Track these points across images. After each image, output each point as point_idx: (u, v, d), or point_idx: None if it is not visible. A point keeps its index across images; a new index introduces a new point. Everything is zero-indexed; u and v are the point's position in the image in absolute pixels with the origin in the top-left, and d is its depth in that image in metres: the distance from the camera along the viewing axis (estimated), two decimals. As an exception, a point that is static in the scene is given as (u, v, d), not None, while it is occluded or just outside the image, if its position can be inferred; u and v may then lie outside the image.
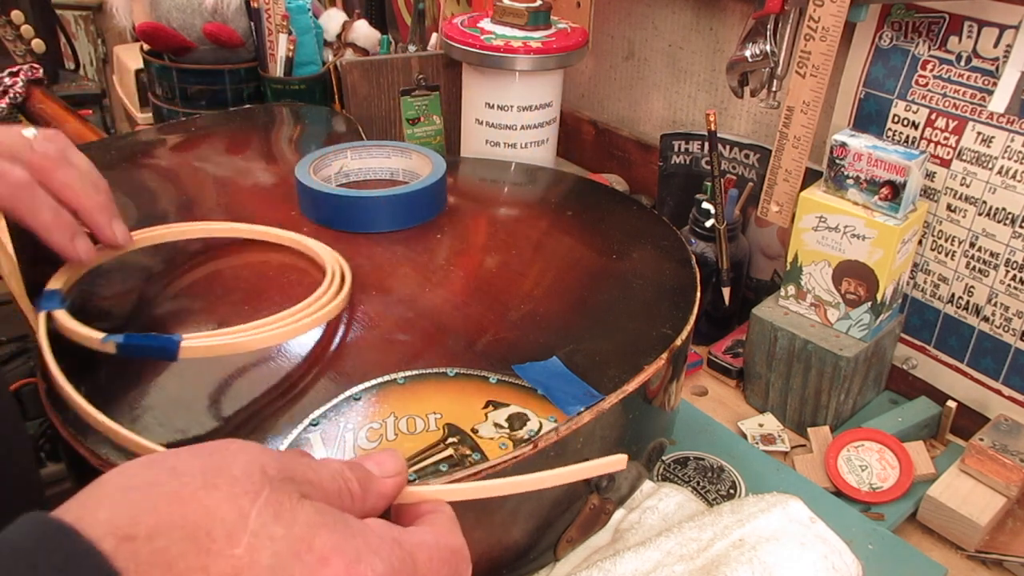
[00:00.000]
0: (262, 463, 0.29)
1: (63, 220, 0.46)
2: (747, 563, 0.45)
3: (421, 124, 0.99)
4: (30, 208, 0.45)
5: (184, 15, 0.98)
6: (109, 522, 0.26)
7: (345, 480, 0.32)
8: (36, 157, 0.46)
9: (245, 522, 0.27)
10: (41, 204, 0.45)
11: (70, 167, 0.47)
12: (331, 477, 0.32)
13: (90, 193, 0.48)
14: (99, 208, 0.49)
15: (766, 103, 0.70)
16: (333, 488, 0.32)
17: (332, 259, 0.56)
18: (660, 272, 0.60)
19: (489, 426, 0.44)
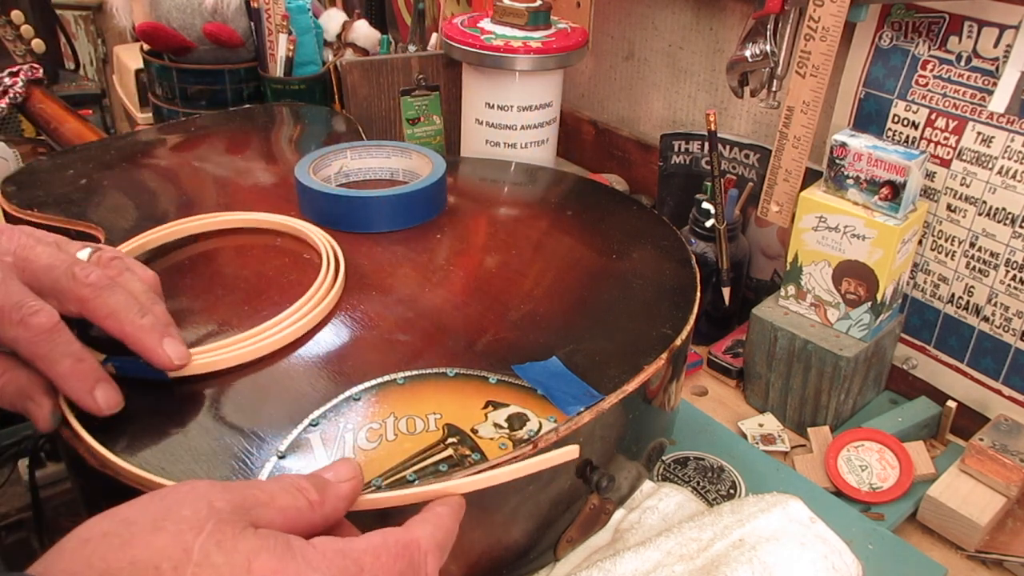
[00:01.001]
0: (209, 499, 0.32)
1: (83, 370, 0.42)
2: (747, 563, 0.45)
3: (421, 124, 0.99)
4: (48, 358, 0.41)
5: (184, 15, 0.98)
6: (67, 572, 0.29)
7: (300, 489, 0.35)
8: (76, 284, 0.42)
9: (189, 555, 0.29)
10: (61, 354, 0.41)
11: (114, 292, 0.44)
12: (284, 491, 0.34)
13: (133, 318, 0.43)
14: (145, 331, 0.44)
15: (766, 103, 0.70)
16: (288, 501, 0.34)
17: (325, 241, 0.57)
18: (660, 272, 0.60)
19: (489, 426, 0.44)
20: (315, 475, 0.36)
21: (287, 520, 0.33)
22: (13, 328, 0.40)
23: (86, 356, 0.42)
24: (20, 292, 0.41)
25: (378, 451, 0.42)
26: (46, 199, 0.67)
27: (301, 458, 0.42)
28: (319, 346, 0.50)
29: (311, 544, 0.32)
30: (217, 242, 0.61)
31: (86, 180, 0.70)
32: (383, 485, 0.40)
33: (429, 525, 0.37)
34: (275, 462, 0.41)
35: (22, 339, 0.40)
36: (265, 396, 0.46)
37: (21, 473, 0.69)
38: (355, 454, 0.42)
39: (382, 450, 0.42)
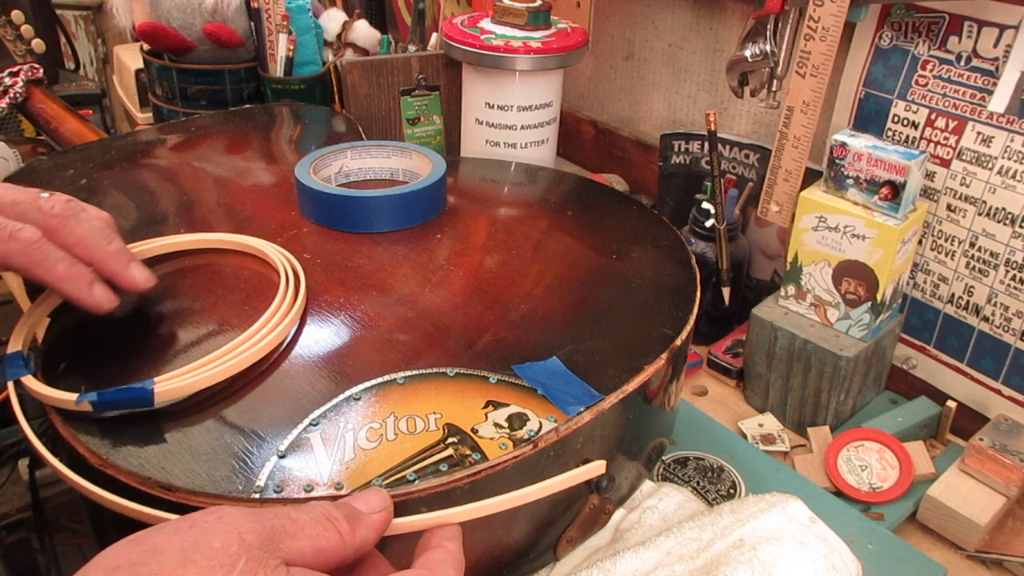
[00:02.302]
0: (239, 531, 0.31)
1: (78, 271, 0.46)
2: (747, 563, 0.45)
3: (421, 124, 0.99)
4: (43, 264, 0.45)
5: (184, 15, 0.98)
6: None
7: (332, 520, 0.34)
8: (43, 215, 0.46)
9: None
10: (55, 259, 0.45)
11: (79, 220, 0.47)
12: (315, 522, 0.34)
13: (101, 244, 0.47)
14: (114, 256, 0.48)
15: (766, 103, 0.70)
16: (319, 532, 0.33)
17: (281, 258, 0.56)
18: (660, 272, 0.60)
19: (489, 426, 0.44)
20: (345, 504, 0.36)
21: (317, 553, 0.33)
22: (4, 244, 0.43)
23: (77, 262, 0.46)
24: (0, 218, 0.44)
25: (378, 451, 0.42)
26: (46, 199, 0.66)
27: (301, 458, 0.42)
28: (319, 346, 0.50)
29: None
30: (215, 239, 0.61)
31: (86, 180, 0.70)
32: (383, 485, 0.40)
33: (451, 568, 0.36)
34: (275, 461, 0.41)
35: (16, 252, 0.44)
36: (265, 396, 0.46)
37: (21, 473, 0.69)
38: (355, 454, 0.42)
39: (382, 450, 0.42)
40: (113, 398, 0.43)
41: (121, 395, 0.43)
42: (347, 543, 0.34)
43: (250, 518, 0.32)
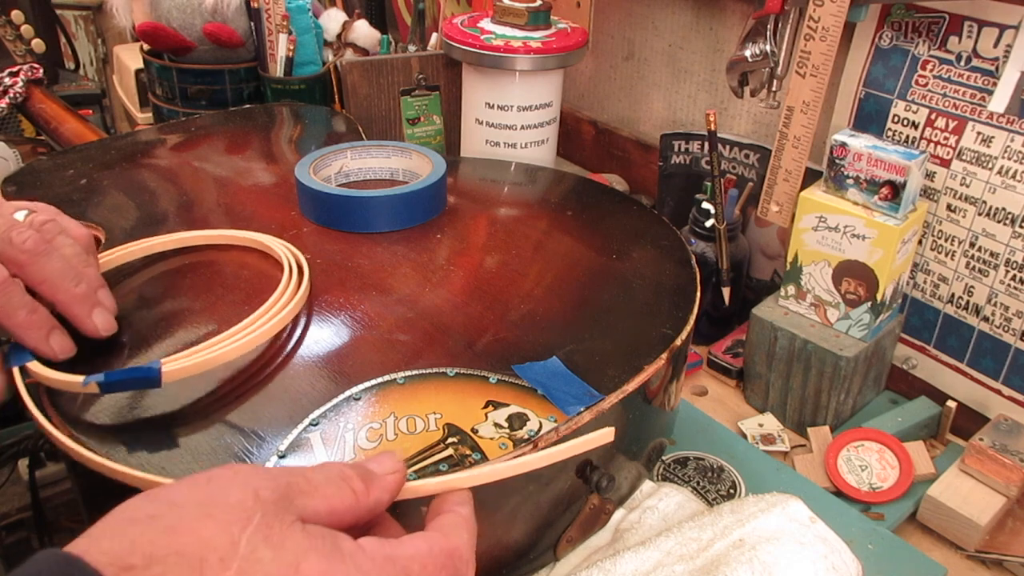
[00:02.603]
0: (255, 488, 0.31)
1: (37, 319, 0.44)
2: (747, 563, 0.45)
3: (421, 124, 0.99)
4: (2, 310, 0.43)
5: (184, 15, 0.98)
6: (111, 552, 0.27)
7: (347, 479, 0.34)
8: (13, 250, 0.44)
9: (235, 548, 0.29)
10: (15, 305, 0.43)
11: (49, 258, 0.45)
12: (329, 480, 0.33)
13: (68, 286, 0.45)
14: (78, 300, 0.46)
15: (766, 103, 0.70)
16: (333, 492, 0.33)
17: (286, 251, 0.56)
18: (660, 272, 0.60)
19: (489, 426, 0.44)
20: (359, 465, 0.36)
21: (332, 511, 0.33)
22: None
23: (39, 307, 0.44)
24: None
25: (378, 451, 0.42)
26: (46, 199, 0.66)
27: (301, 458, 0.42)
28: (319, 346, 0.50)
29: (360, 546, 0.32)
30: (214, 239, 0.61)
31: (86, 180, 0.70)
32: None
33: (465, 532, 0.36)
34: (275, 462, 0.41)
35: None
36: (265, 396, 0.46)
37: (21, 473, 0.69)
38: (355, 454, 0.42)
39: (382, 450, 0.42)
40: (120, 378, 0.43)
41: (128, 375, 0.43)
42: (361, 503, 0.34)
43: (265, 475, 0.32)
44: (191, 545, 0.28)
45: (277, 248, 0.57)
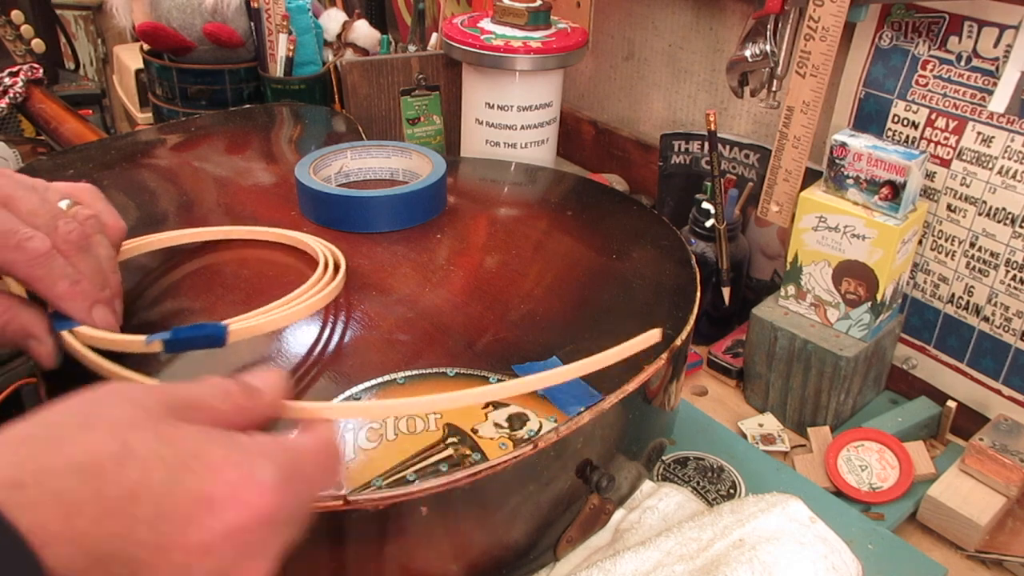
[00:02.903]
0: (135, 398, 0.30)
1: (79, 290, 0.44)
2: (747, 563, 0.45)
3: (421, 124, 0.99)
4: (46, 279, 0.43)
5: (184, 15, 0.98)
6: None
7: (229, 393, 0.34)
8: (57, 237, 0.44)
9: (129, 450, 0.28)
10: (56, 275, 0.43)
11: (86, 255, 0.45)
12: (214, 393, 0.33)
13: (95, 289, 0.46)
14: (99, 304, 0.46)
15: (766, 103, 0.70)
16: (217, 404, 0.33)
17: (323, 248, 0.57)
18: (660, 272, 0.60)
19: (489, 426, 0.44)
20: (241, 379, 0.35)
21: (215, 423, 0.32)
22: (10, 252, 0.42)
23: (82, 279, 0.44)
24: (11, 220, 0.42)
25: (378, 451, 0.42)
26: (46, 199, 0.66)
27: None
28: (319, 346, 0.50)
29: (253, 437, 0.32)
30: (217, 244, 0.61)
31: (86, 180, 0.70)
32: (383, 485, 0.40)
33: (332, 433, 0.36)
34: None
35: (19, 262, 0.42)
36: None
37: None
38: (355, 454, 0.42)
39: (382, 450, 0.42)
40: (187, 335, 0.43)
41: (195, 332, 0.43)
42: (243, 416, 0.34)
43: (145, 389, 0.32)
44: (81, 455, 0.27)
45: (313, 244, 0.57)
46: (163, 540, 0.28)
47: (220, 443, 0.30)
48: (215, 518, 0.28)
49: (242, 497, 0.29)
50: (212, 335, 0.43)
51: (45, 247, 0.43)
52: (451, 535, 0.43)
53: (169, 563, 0.28)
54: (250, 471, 0.30)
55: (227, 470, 0.29)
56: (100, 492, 0.27)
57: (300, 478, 0.32)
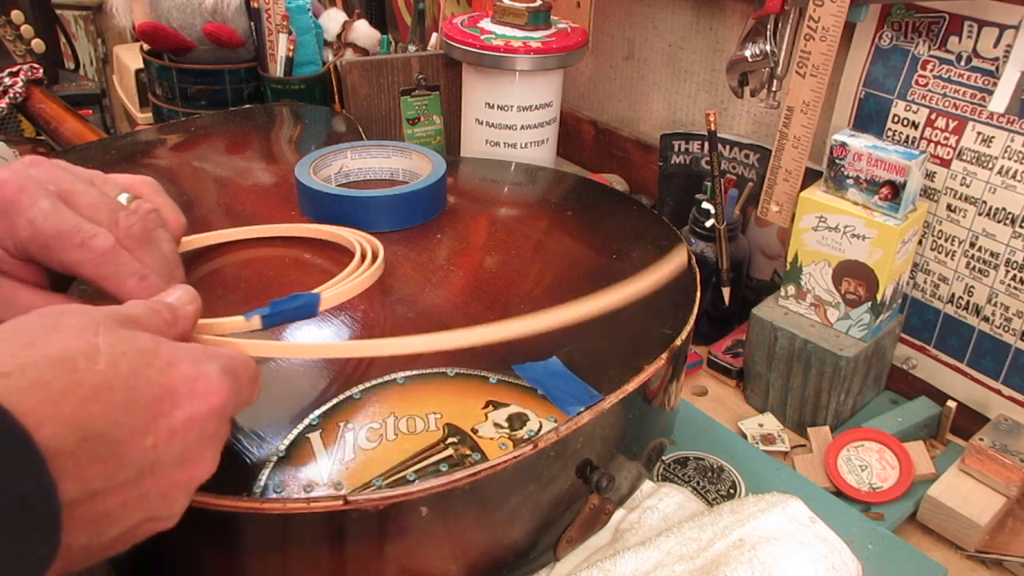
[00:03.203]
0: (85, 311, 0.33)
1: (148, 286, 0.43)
2: (747, 563, 0.45)
3: (421, 124, 0.99)
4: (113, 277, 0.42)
5: (184, 15, 0.98)
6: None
7: (157, 311, 0.37)
8: (119, 232, 0.43)
9: (95, 348, 0.31)
10: (124, 273, 0.42)
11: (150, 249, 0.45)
12: (145, 313, 0.37)
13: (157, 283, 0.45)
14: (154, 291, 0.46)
15: (766, 103, 0.70)
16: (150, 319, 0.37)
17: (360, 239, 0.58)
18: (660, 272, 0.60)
19: (489, 426, 0.44)
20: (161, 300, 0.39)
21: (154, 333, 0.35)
22: (75, 251, 0.41)
23: (148, 274, 0.44)
24: (74, 217, 0.42)
25: (378, 451, 0.42)
26: (46, 199, 0.66)
27: (301, 458, 0.42)
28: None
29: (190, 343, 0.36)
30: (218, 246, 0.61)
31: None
32: (383, 485, 0.40)
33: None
34: (275, 461, 0.41)
35: (86, 261, 0.41)
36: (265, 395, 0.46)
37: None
38: (355, 454, 0.42)
39: (382, 450, 0.42)
40: (284, 307, 0.44)
41: (291, 303, 0.44)
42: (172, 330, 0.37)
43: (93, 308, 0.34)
44: (55, 351, 0.30)
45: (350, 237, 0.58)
46: (136, 423, 0.31)
47: (170, 344, 0.34)
48: (177, 407, 0.32)
49: (198, 389, 0.33)
50: (307, 304, 0.45)
51: (109, 244, 0.42)
52: (451, 535, 0.43)
53: (142, 445, 0.31)
54: (201, 368, 0.34)
55: (182, 366, 0.33)
56: (78, 381, 0.30)
57: (237, 379, 0.36)
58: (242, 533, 0.41)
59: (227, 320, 0.44)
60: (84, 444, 0.29)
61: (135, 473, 0.31)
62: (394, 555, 0.42)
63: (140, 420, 0.31)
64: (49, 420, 0.28)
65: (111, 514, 0.31)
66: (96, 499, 0.30)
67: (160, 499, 0.33)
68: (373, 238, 0.58)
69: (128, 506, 0.31)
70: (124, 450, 0.31)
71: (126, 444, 0.31)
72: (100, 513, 0.30)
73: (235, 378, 0.35)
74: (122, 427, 0.30)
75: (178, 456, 0.33)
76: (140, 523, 0.33)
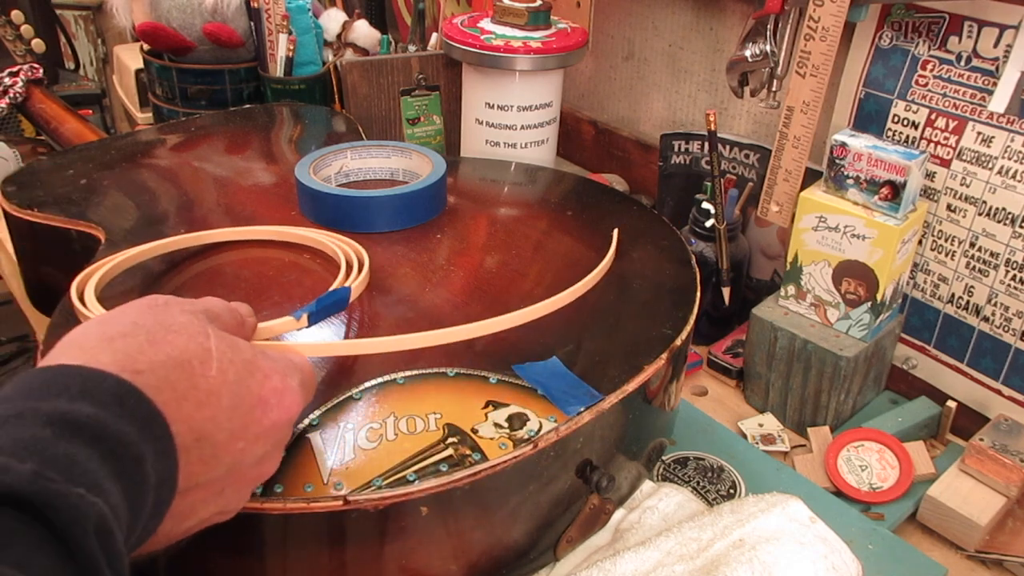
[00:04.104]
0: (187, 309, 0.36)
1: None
2: (747, 563, 0.45)
3: (421, 124, 0.99)
4: None
5: (184, 15, 0.98)
6: (114, 363, 0.31)
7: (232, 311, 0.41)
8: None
9: (209, 354, 0.34)
10: None
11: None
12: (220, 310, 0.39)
13: None
14: None
15: (766, 103, 0.70)
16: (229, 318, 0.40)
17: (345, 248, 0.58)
18: (660, 272, 0.60)
19: (489, 426, 0.44)
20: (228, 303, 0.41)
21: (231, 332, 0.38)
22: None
23: None
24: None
25: (378, 451, 0.42)
26: (46, 199, 0.67)
27: (301, 458, 0.42)
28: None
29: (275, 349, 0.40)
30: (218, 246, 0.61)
31: (86, 180, 0.70)
32: (383, 485, 0.40)
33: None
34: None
35: None
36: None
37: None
38: (355, 454, 0.42)
39: (382, 450, 0.42)
40: (325, 303, 0.47)
41: (330, 298, 0.48)
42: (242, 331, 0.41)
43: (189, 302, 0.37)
44: (175, 353, 0.33)
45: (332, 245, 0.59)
46: (235, 427, 0.34)
47: (266, 355, 0.37)
48: (266, 415, 0.36)
49: (285, 402, 0.37)
50: (342, 298, 0.49)
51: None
52: (451, 535, 0.43)
53: (235, 448, 0.34)
54: (288, 381, 0.37)
55: (274, 378, 0.36)
56: (195, 385, 0.33)
57: (309, 390, 0.40)
58: (242, 533, 0.41)
59: (281, 321, 0.45)
60: (196, 444, 0.32)
61: (224, 472, 0.34)
62: (394, 555, 0.42)
63: (237, 425, 0.34)
64: (175, 418, 0.31)
65: (195, 506, 0.34)
66: (189, 493, 0.32)
67: (233, 494, 0.36)
68: (357, 244, 0.58)
69: (208, 501, 0.34)
70: (221, 451, 0.33)
71: (223, 446, 0.33)
72: (188, 505, 0.33)
73: (307, 389, 0.40)
74: (224, 431, 0.33)
75: (258, 458, 0.36)
76: (212, 515, 0.35)
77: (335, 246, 0.58)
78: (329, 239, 0.59)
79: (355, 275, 0.54)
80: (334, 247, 0.58)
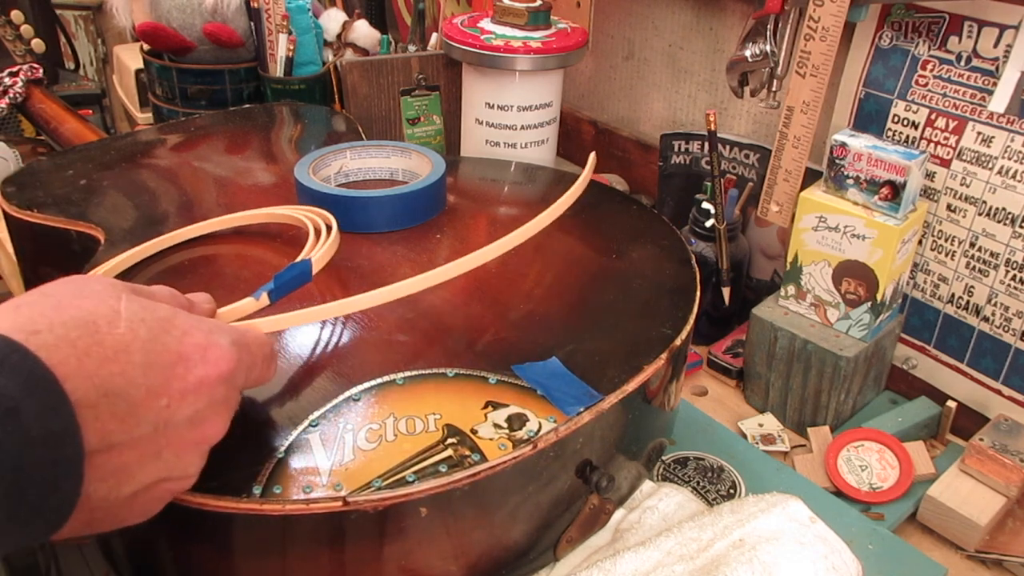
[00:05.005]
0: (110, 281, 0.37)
1: None
2: (747, 563, 0.45)
3: (421, 124, 0.99)
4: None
5: (184, 15, 0.98)
6: (14, 325, 0.32)
7: (175, 296, 0.41)
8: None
9: (118, 314, 0.34)
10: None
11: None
12: (163, 293, 0.40)
13: None
14: None
15: (766, 103, 0.70)
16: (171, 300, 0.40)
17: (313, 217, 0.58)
18: (660, 272, 0.60)
19: (488, 426, 0.44)
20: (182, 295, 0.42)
21: None
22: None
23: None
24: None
25: (378, 451, 0.42)
26: (46, 199, 0.67)
27: (301, 458, 0.42)
28: (319, 346, 0.50)
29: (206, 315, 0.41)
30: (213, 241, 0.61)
31: (86, 180, 0.70)
32: (382, 486, 0.40)
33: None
34: (275, 462, 0.41)
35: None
36: (265, 396, 0.46)
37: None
38: (354, 455, 0.42)
39: (382, 450, 0.42)
40: (285, 279, 0.47)
41: (290, 273, 0.47)
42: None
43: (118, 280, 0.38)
44: (81, 313, 0.33)
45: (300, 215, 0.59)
46: (152, 383, 0.34)
47: (186, 316, 0.37)
48: (189, 371, 0.35)
49: (209, 357, 0.36)
50: (303, 271, 0.48)
51: None
52: (451, 536, 0.43)
53: (156, 404, 0.34)
54: (213, 337, 0.37)
55: (195, 334, 0.36)
56: (100, 342, 0.33)
57: (247, 351, 0.39)
58: (242, 534, 0.41)
59: (240, 304, 0.45)
60: (104, 399, 0.32)
61: (150, 430, 0.34)
62: (393, 556, 0.42)
63: (155, 381, 0.34)
64: (73, 374, 0.31)
65: (128, 468, 0.34)
66: (113, 451, 0.33)
67: (174, 457, 0.36)
68: (326, 212, 0.59)
69: (143, 462, 0.34)
70: (140, 408, 0.34)
71: (142, 403, 0.34)
72: (117, 466, 0.33)
73: (246, 350, 0.39)
74: (139, 387, 0.33)
75: (190, 417, 0.36)
76: (156, 481, 0.35)
77: (302, 216, 0.58)
78: (294, 210, 0.60)
79: (322, 243, 0.54)
80: (301, 217, 0.58)
